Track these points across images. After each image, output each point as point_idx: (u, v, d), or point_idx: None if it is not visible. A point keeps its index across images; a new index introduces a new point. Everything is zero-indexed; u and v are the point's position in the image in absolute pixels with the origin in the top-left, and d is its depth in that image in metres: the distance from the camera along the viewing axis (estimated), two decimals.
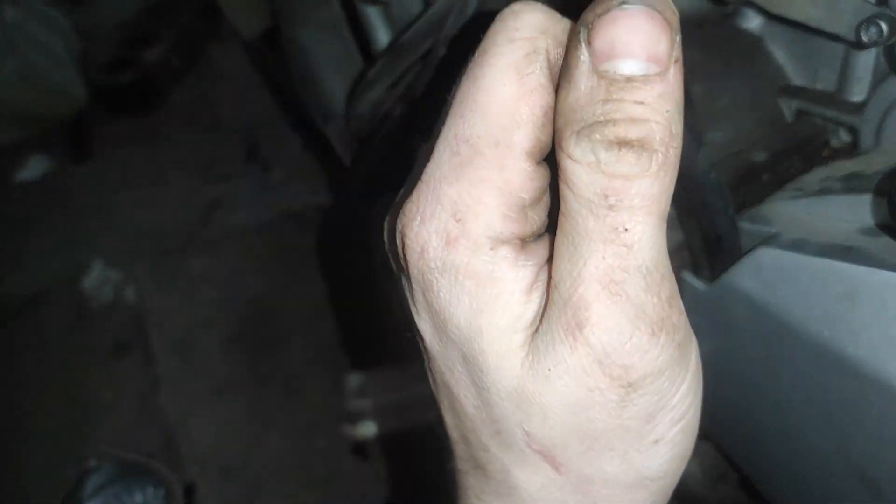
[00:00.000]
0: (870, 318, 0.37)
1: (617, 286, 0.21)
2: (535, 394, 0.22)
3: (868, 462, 0.42)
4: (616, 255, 0.20)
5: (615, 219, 0.20)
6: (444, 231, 0.22)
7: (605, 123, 0.19)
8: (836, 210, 0.45)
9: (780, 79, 0.56)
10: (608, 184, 0.20)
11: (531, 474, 0.24)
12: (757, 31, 0.56)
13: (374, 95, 0.68)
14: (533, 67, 0.22)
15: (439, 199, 0.23)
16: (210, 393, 1.38)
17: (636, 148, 0.19)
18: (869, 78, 0.50)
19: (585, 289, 0.21)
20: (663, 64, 0.19)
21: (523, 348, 0.23)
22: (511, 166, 0.22)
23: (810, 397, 0.44)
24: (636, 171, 0.19)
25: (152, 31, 2.00)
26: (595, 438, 0.23)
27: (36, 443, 1.34)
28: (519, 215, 0.23)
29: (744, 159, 0.54)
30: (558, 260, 0.22)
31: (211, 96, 1.93)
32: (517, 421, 0.23)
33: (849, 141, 0.54)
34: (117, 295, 1.57)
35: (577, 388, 0.22)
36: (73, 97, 1.87)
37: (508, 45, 0.22)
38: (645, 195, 0.20)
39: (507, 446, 0.24)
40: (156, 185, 1.77)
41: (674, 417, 0.23)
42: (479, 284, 0.22)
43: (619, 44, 0.19)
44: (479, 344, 0.23)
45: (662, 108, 0.19)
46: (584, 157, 0.20)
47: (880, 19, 0.44)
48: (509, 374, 0.23)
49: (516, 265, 0.23)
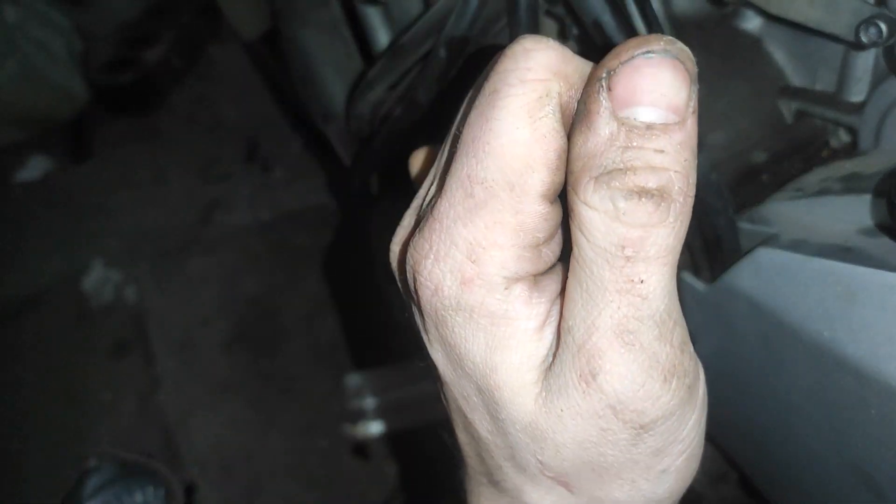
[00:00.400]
0: (869, 319, 0.38)
1: (631, 336, 0.21)
2: (548, 430, 0.23)
3: (867, 461, 0.42)
4: (631, 306, 0.21)
5: (632, 270, 0.20)
6: (458, 271, 0.23)
7: (625, 171, 0.19)
8: (836, 210, 0.45)
9: (780, 79, 0.56)
10: (626, 233, 0.19)
11: (544, 493, 0.25)
12: (756, 32, 0.56)
13: (374, 96, 0.68)
14: (545, 111, 0.22)
15: (454, 240, 0.23)
16: (210, 393, 1.38)
17: (655, 198, 0.19)
18: (868, 78, 0.50)
19: (599, 337, 0.21)
20: (682, 113, 0.19)
21: (536, 385, 0.23)
22: (526, 209, 0.22)
23: (810, 397, 0.44)
24: (654, 221, 0.19)
25: (153, 31, 2.00)
26: (606, 469, 0.24)
27: (36, 443, 1.34)
28: (533, 255, 0.23)
29: (744, 160, 0.54)
30: (571, 305, 0.22)
31: (211, 96, 1.93)
32: (531, 451, 0.24)
33: (848, 141, 0.54)
34: (117, 295, 1.57)
35: (589, 429, 0.22)
36: (73, 97, 1.87)
37: (520, 86, 0.22)
38: (661, 245, 0.20)
39: (521, 469, 0.25)
40: (156, 185, 1.77)
41: (681, 449, 0.24)
42: (494, 323, 0.23)
43: (640, 91, 0.19)
44: (495, 380, 0.23)
45: (681, 157, 0.19)
46: (602, 204, 0.20)
47: (879, 20, 0.44)
48: (523, 409, 0.23)
49: (530, 303, 0.23)
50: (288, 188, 1.68)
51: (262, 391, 1.36)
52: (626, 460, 0.23)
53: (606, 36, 0.42)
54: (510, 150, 0.22)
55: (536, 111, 0.22)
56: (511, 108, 0.22)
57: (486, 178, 0.22)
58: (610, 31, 0.41)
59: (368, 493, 1.18)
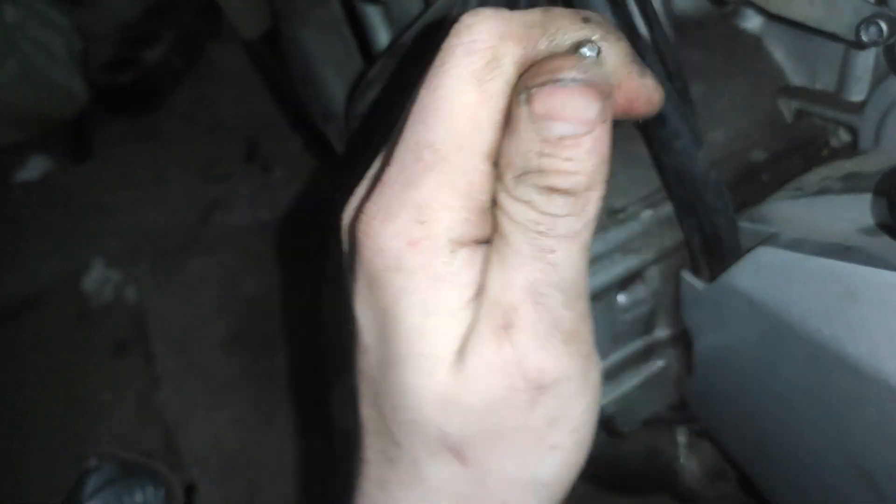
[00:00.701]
0: (869, 317, 0.38)
1: (541, 297, 0.23)
2: (459, 394, 0.24)
3: (866, 460, 0.42)
4: (542, 271, 0.23)
5: (544, 242, 0.23)
6: (406, 233, 0.24)
7: (539, 173, 0.22)
8: (836, 209, 0.45)
9: (780, 79, 0.56)
10: (540, 218, 0.23)
11: (439, 467, 0.26)
12: (757, 31, 0.57)
13: (374, 96, 0.68)
14: (493, 74, 0.23)
15: (402, 202, 0.24)
16: (210, 393, 1.38)
17: (566, 195, 0.22)
18: (868, 78, 0.50)
19: (513, 294, 0.23)
20: (591, 126, 0.22)
21: (455, 353, 0.24)
22: (474, 169, 0.23)
23: (809, 396, 0.44)
24: (565, 213, 0.23)
25: (152, 31, 2.00)
26: (503, 437, 0.25)
27: (36, 442, 1.34)
28: (479, 219, 0.24)
29: (743, 159, 0.55)
30: (489, 269, 0.24)
31: (211, 96, 1.93)
32: (437, 422, 0.25)
33: (848, 140, 0.54)
34: (117, 295, 1.57)
35: (498, 388, 0.24)
36: (73, 97, 1.87)
37: (467, 56, 0.23)
38: (571, 228, 0.23)
39: (421, 443, 0.26)
40: (156, 185, 1.77)
41: (573, 427, 0.26)
42: (435, 286, 0.24)
43: (553, 110, 0.21)
44: (419, 347, 0.24)
45: (589, 163, 0.22)
46: (520, 196, 0.23)
47: (880, 19, 0.44)
48: (439, 377, 0.24)
49: (472, 268, 0.24)
50: (288, 188, 1.68)
51: (262, 391, 1.36)
52: (523, 426, 0.25)
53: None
54: (458, 113, 0.23)
55: (484, 75, 0.23)
56: (459, 76, 0.23)
57: (435, 142, 0.23)
58: None
59: None
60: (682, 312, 0.53)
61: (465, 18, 0.23)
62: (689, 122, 0.43)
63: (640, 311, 0.54)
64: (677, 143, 0.43)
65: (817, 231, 0.43)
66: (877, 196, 0.43)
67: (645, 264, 0.52)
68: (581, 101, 0.21)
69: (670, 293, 0.54)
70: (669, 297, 0.54)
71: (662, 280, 0.54)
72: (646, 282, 0.53)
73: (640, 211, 0.52)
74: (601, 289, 0.51)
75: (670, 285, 0.54)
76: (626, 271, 0.51)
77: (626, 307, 0.53)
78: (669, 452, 0.69)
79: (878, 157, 0.49)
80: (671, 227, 0.52)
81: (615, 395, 0.54)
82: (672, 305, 0.54)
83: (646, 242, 0.52)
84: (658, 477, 0.71)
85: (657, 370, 0.56)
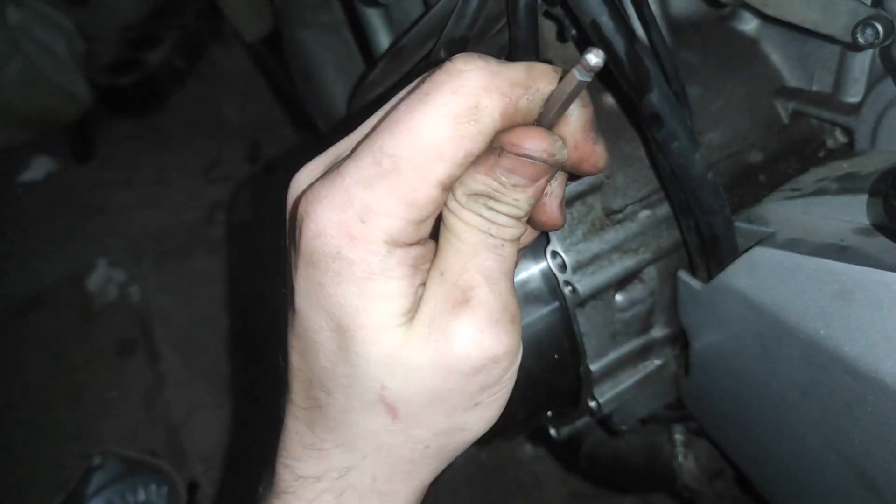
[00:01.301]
0: (865, 317, 0.38)
1: (494, 282, 0.28)
2: (408, 358, 0.28)
3: (863, 458, 0.42)
4: (495, 261, 0.29)
5: (494, 241, 0.29)
6: (347, 226, 0.27)
7: (492, 200, 0.28)
8: (832, 210, 0.45)
9: (777, 80, 0.56)
10: (488, 225, 0.29)
11: (368, 418, 0.30)
12: (753, 34, 0.57)
13: (374, 97, 0.68)
14: (470, 118, 0.27)
15: (351, 198, 0.27)
16: (214, 391, 1.39)
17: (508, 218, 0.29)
18: (864, 79, 0.50)
19: (471, 276, 0.28)
20: (536, 179, 0.28)
21: (403, 326, 0.28)
22: (423, 190, 0.27)
23: (806, 395, 0.44)
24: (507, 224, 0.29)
25: (155, 32, 2.01)
26: (441, 398, 0.29)
27: (41, 441, 1.35)
28: (416, 228, 0.27)
29: (740, 160, 0.55)
30: (443, 258, 0.29)
31: (213, 97, 1.94)
32: (378, 379, 0.28)
33: (845, 142, 0.55)
34: (121, 294, 1.58)
35: (451, 354, 0.28)
36: (76, 98, 1.88)
37: (452, 96, 0.26)
38: (512, 234, 0.29)
39: (356, 395, 0.29)
40: (158, 186, 1.78)
41: (498, 390, 0.30)
42: (369, 278, 0.27)
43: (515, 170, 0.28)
44: (360, 320, 0.27)
45: (528, 203, 0.29)
46: (472, 208, 0.28)
47: (876, 21, 0.44)
48: (385, 344, 0.28)
49: (404, 264, 0.28)
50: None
51: (265, 389, 1.37)
52: (462, 390, 0.29)
53: (604, 37, 0.42)
54: (427, 138, 0.26)
55: (462, 117, 0.27)
56: (439, 108, 0.26)
57: (397, 154, 0.27)
58: (608, 32, 0.42)
59: None
60: (680, 312, 0.54)
61: (458, 62, 0.27)
62: (687, 123, 0.43)
63: (637, 311, 0.54)
64: (675, 145, 0.43)
65: (813, 231, 0.44)
66: (873, 197, 0.43)
67: (642, 264, 0.52)
68: (536, 171, 0.28)
69: (668, 293, 0.54)
70: (667, 297, 0.55)
71: (660, 280, 0.54)
72: (643, 281, 0.54)
73: (637, 211, 0.52)
74: (599, 288, 0.51)
75: (668, 285, 0.54)
76: (623, 271, 0.52)
77: (624, 306, 0.54)
78: (667, 451, 0.69)
79: (874, 158, 0.50)
80: (668, 227, 0.53)
81: (613, 393, 0.55)
82: (669, 305, 0.55)
83: (643, 243, 0.52)
84: (656, 475, 0.71)
85: (654, 369, 0.56)
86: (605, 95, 0.55)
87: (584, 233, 0.51)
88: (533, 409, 0.58)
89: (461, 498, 1.19)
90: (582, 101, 0.29)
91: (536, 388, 0.55)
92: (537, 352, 0.53)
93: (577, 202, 0.50)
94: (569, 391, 0.57)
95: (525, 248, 0.36)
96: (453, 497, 1.19)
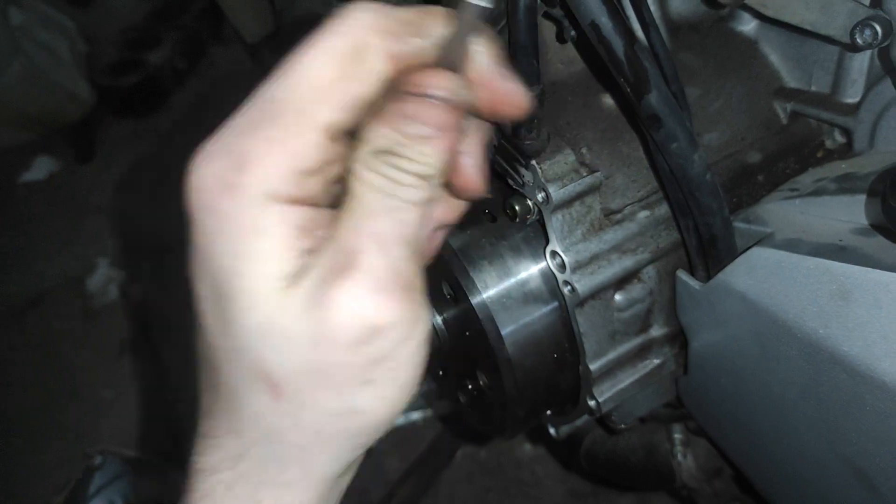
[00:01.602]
0: (863, 317, 0.38)
1: (387, 247, 0.26)
2: (285, 327, 0.25)
3: (861, 457, 0.42)
4: (391, 224, 0.26)
5: (393, 202, 0.26)
6: (221, 176, 0.25)
7: (397, 157, 0.26)
8: (831, 210, 0.45)
9: (775, 81, 0.56)
10: (390, 185, 0.26)
11: (253, 398, 0.27)
12: (752, 34, 0.57)
13: None
14: (356, 59, 0.25)
15: (229, 148, 0.25)
16: None
17: (415, 176, 0.26)
18: (863, 80, 0.51)
19: (360, 240, 0.25)
20: (444, 132, 0.26)
21: (280, 291, 0.25)
22: (306, 134, 0.25)
23: (804, 394, 0.44)
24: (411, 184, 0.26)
25: (156, 33, 2.01)
26: (324, 374, 0.26)
27: (41, 440, 1.35)
28: (300, 181, 0.25)
29: (739, 160, 0.55)
30: (339, 225, 0.26)
31: (213, 97, 1.94)
32: (256, 350, 0.26)
33: (843, 142, 0.55)
34: (121, 294, 1.58)
35: (329, 323, 0.25)
36: (77, 99, 1.88)
37: (335, 37, 0.25)
38: (414, 197, 0.26)
39: (238, 370, 0.27)
40: (160, 186, 1.78)
41: (392, 367, 0.27)
42: (243, 232, 0.25)
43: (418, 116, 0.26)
44: (237, 283, 0.25)
45: (434, 157, 0.26)
46: (374, 167, 0.26)
47: (874, 22, 0.44)
48: (262, 310, 0.25)
49: (285, 223, 0.25)
50: None
51: None
52: (346, 363, 0.26)
53: (604, 38, 0.42)
54: (308, 80, 0.25)
55: (346, 58, 0.25)
56: (321, 50, 0.25)
57: (276, 97, 0.25)
58: (607, 32, 0.42)
59: (370, 488, 1.19)
60: (678, 311, 0.54)
61: (351, 7, 0.26)
62: (685, 124, 0.43)
63: (636, 310, 0.54)
64: (673, 146, 0.44)
65: (812, 231, 0.44)
66: (871, 197, 0.43)
67: (642, 264, 0.53)
68: (441, 115, 0.26)
69: (667, 293, 0.54)
70: (666, 297, 0.55)
71: (659, 280, 0.54)
72: (642, 281, 0.54)
73: (636, 212, 0.52)
74: (599, 288, 0.51)
75: (667, 285, 0.54)
76: (623, 271, 0.52)
77: (623, 306, 0.54)
78: (666, 450, 0.69)
79: (872, 158, 0.50)
80: (667, 227, 0.53)
81: (612, 392, 0.55)
82: (668, 305, 0.55)
83: (642, 243, 0.53)
84: (655, 474, 0.71)
85: (653, 368, 0.56)
86: (604, 96, 0.55)
87: (584, 233, 0.51)
88: (532, 408, 0.58)
89: (460, 496, 1.19)
90: (485, 36, 0.27)
91: (536, 387, 0.55)
92: (537, 351, 0.53)
93: (577, 202, 0.51)
94: (568, 390, 0.57)
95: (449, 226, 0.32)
96: (452, 496, 1.19)
